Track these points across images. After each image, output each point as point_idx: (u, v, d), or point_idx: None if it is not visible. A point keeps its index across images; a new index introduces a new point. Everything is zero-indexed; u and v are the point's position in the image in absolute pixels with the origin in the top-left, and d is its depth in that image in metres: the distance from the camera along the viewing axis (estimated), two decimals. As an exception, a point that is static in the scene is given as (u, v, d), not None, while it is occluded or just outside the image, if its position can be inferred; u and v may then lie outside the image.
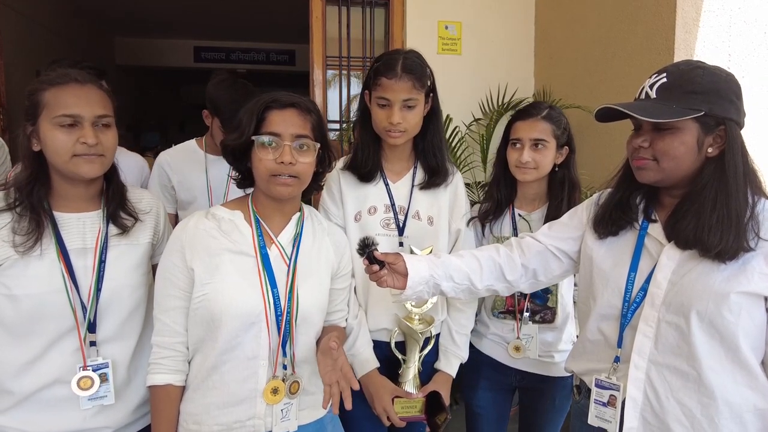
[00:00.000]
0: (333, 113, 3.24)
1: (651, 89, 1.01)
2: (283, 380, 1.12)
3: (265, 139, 1.09)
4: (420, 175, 1.46)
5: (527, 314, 1.55)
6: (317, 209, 1.41)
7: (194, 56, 7.71)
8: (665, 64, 2.21)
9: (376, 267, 1.17)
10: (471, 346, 1.62)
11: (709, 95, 0.96)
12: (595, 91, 2.67)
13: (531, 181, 1.53)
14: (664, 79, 1.00)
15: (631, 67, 2.39)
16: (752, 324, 0.95)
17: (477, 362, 1.61)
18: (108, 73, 1.83)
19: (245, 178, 1.19)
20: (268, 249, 1.14)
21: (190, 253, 1.10)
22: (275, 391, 1.10)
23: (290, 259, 1.15)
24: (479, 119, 3.11)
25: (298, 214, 1.22)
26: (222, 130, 1.79)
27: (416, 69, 1.34)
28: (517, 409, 1.73)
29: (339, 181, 1.44)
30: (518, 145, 1.51)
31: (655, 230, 1.06)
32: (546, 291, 1.55)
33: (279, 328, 1.12)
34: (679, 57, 2.13)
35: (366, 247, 1.15)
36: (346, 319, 1.35)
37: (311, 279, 1.18)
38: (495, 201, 1.60)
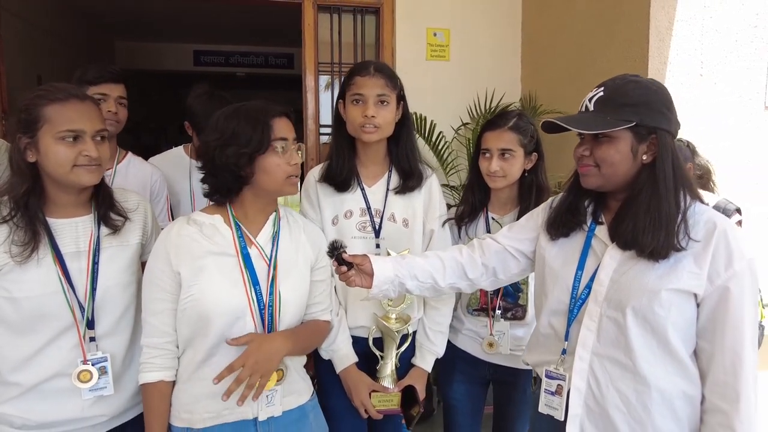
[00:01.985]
0: (325, 118, 3.32)
1: (590, 102, 1.10)
2: None
3: (280, 144, 1.19)
4: (395, 179, 1.53)
5: (499, 312, 1.63)
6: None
7: (194, 60, 7.80)
8: (641, 71, 2.32)
9: (344, 268, 1.26)
10: (447, 341, 1.71)
11: (640, 107, 1.04)
12: (578, 96, 2.68)
13: (502, 188, 1.62)
14: (602, 93, 1.09)
15: (610, 73, 2.40)
16: (682, 318, 1.03)
17: (452, 357, 1.69)
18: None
19: (231, 188, 1.21)
20: (248, 249, 1.22)
21: (175, 258, 1.17)
22: None
23: (270, 258, 1.24)
24: (467, 123, 3.19)
25: (274, 214, 1.30)
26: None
27: (387, 70, 1.45)
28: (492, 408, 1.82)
29: (317, 189, 1.52)
30: (488, 155, 1.59)
31: (601, 232, 1.13)
32: (517, 290, 1.64)
33: (263, 322, 1.20)
34: (653, 64, 2.21)
35: (335, 250, 1.24)
36: (330, 312, 1.42)
37: (292, 274, 1.26)
38: (470, 205, 1.69)
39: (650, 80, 1.09)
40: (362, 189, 1.52)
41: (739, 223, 2.00)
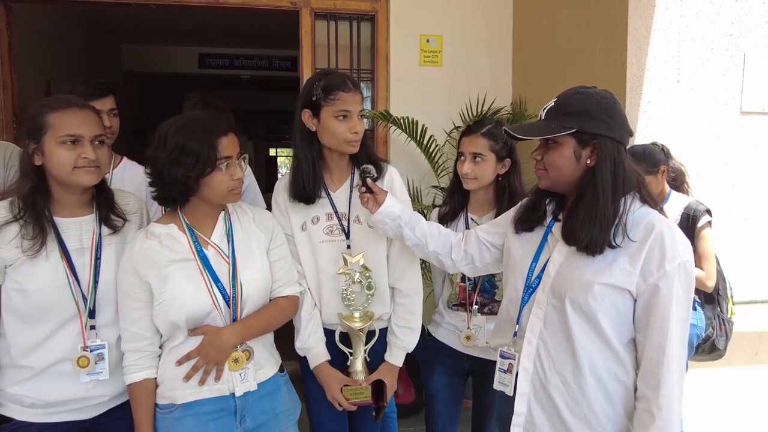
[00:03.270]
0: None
1: (543, 112, 1.20)
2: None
3: (225, 163, 1.28)
4: (357, 180, 1.57)
5: (476, 307, 1.75)
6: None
7: (199, 62, 7.93)
8: (620, 77, 2.42)
9: (363, 189, 1.47)
10: (428, 334, 1.82)
11: (581, 115, 1.14)
12: (564, 101, 2.85)
13: (476, 189, 1.73)
14: (553, 104, 1.19)
15: (592, 79, 2.54)
16: (615, 310, 1.13)
17: (433, 349, 1.81)
18: (114, 81, 2.02)
19: (176, 198, 1.31)
20: (205, 251, 1.34)
21: (143, 271, 1.28)
22: (236, 360, 1.33)
23: (228, 255, 1.35)
24: (459, 127, 3.29)
25: (223, 212, 1.40)
26: None
27: (359, 85, 1.54)
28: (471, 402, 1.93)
29: (285, 198, 1.58)
30: (462, 158, 1.71)
31: (557, 229, 1.24)
32: (493, 286, 1.76)
33: (230, 312, 1.33)
34: (631, 71, 2.31)
35: (364, 173, 1.48)
36: (297, 284, 1.52)
37: (248, 264, 1.37)
38: (451, 206, 1.80)
39: (597, 91, 1.18)
40: (328, 195, 1.59)
41: (709, 223, 2.09)
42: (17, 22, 3.82)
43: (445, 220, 1.81)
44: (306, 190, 1.53)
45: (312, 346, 1.58)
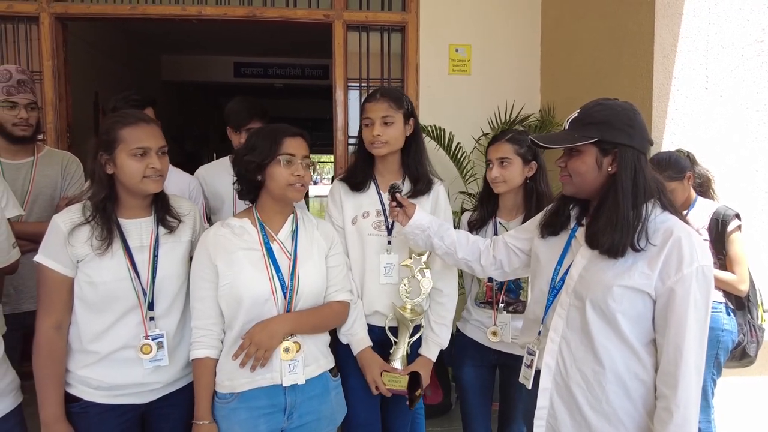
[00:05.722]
0: (354, 129, 3.56)
1: (567, 122, 1.28)
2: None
3: (285, 158, 1.45)
4: (407, 186, 1.75)
5: (502, 305, 1.84)
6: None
7: (234, 71, 8.20)
8: (646, 86, 2.46)
9: (394, 203, 1.58)
10: (458, 330, 1.92)
11: (602, 125, 1.20)
12: (591, 108, 2.88)
13: (505, 193, 1.83)
14: (576, 114, 1.26)
15: (619, 87, 2.60)
16: (634, 311, 1.18)
17: (463, 344, 1.92)
18: (154, 90, 2.20)
19: (250, 190, 1.52)
20: (271, 244, 1.48)
21: (213, 254, 1.44)
22: (287, 350, 1.44)
23: (290, 251, 1.49)
24: (487, 134, 3.36)
25: (292, 215, 1.56)
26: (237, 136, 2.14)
27: (391, 94, 1.70)
28: (498, 405, 2.00)
29: (339, 191, 1.78)
30: (490, 165, 1.82)
31: (580, 233, 1.30)
32: (518, 287, 1.84)
33: (285, 302, 1.45)
34: (657, 79, 2.35)
35: (392, 188, 1.58)
36: (349, 291, 1.64)
37: (307, 263, 1.51)
38: (481, 214, 1.91)
39: (618, 103, 1.25)
40: (379, 194, 1.76)
41: (739, 227, 2.11)
42: (75, 40, 4.07)
43: (474, 226, 1.90)
44: (355, 177, 1.76)
45: (357, 332, 1.69)
